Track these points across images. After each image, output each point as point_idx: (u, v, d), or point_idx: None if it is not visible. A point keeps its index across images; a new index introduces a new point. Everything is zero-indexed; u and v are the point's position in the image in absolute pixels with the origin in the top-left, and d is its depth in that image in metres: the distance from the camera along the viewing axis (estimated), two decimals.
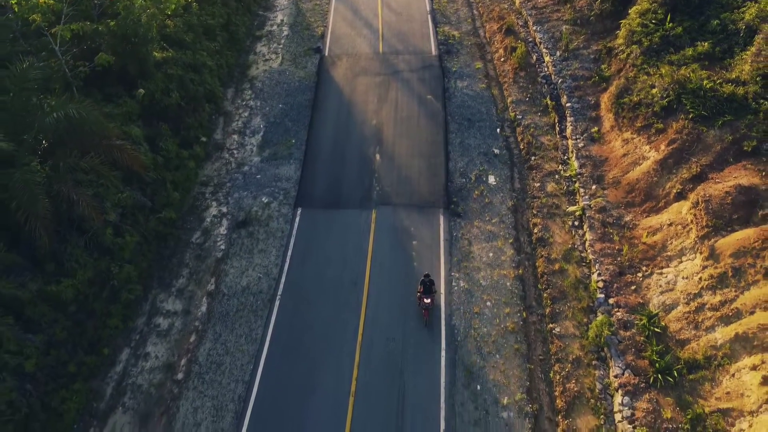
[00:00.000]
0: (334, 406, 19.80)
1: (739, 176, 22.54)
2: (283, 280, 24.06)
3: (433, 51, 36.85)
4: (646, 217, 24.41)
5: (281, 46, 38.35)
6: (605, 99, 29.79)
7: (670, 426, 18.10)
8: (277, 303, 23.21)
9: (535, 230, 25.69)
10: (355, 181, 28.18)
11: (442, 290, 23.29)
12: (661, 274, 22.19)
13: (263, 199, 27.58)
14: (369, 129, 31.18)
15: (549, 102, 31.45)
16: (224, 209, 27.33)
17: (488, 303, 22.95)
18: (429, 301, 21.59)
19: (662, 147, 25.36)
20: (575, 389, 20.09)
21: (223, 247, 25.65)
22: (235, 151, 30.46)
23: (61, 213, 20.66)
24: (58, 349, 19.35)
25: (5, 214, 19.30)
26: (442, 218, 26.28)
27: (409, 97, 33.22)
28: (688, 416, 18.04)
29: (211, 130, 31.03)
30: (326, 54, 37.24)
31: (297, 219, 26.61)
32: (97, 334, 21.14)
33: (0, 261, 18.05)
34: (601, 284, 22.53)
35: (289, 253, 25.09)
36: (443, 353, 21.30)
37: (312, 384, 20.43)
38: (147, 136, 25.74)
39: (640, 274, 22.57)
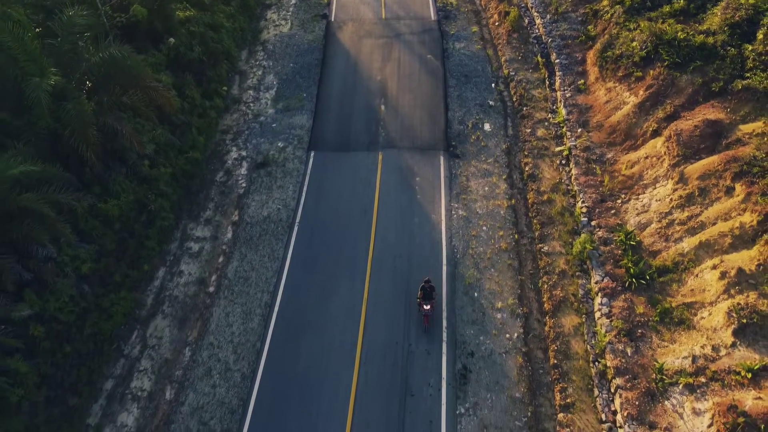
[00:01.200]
0: (349, 308, 22.44)
1: (707, 113, 25.17)
2: (300, 210, 26.63)
3: (433, 16, 39.29)
4: (625, 153, 27.02)
5: (290, 13, 40.73)
6: (591, 55, 32.32)
7: (642, 319, 20.79)
8: (295, 228, 25.79)
9: (526, 168, 28.30)
10: (362, 128, 30.70)
11: (443, 218, 25.89)
12: (637, 199, 24.84)
13: (279, 144, 30.10)
14: (374, 84, 33.68)
15: (540, 59, 33.97)
16: (244, 153, 29.83)
17: (484, 228, 25.58)
18: (429, 307, 21.02)
19: (641, 92, 27.94)
20: (561, 295, 22.78)
21: (244, 184, 28.17)
22: (251, 104, 32.92)
23: (105, 144, 23.12)
24: (107, 259, 21.89)
25: (59, 143, 21.73)
26: (442, 159, 28.85)
27: (410, 56, 35.69)
28: (658, 310, 20.70)
29: (228, 85, 33.46)
30: (332, 19, 39.65)
31: (311, 160, 29.15)
32: (137, 253, 23.65)
33: (57, 178, 20.51)
34: (584, 210, 25.16)
35: (305, 188, 27.64)
36: (444, 267, 23.94)
37: (329, 292, 23.06)
38: (174, 84, 28.16)
39: (619, 201, 25.21)
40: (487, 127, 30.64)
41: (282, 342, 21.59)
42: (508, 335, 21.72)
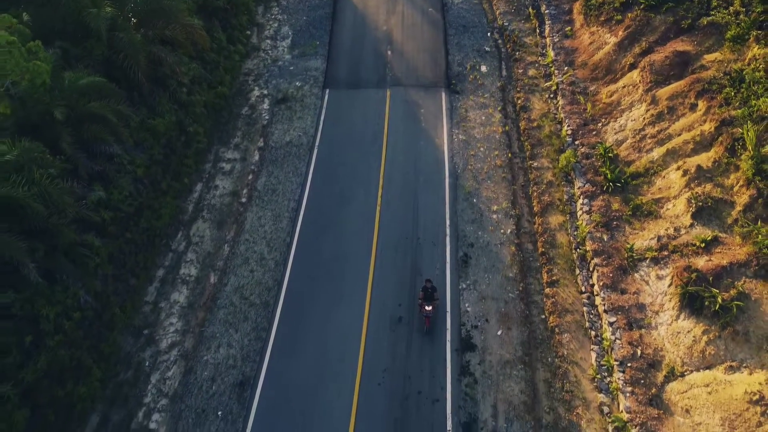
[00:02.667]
0: (365, 212, 25.75)
1: (677, 46, 28.43)
2: (318, 136, 29.85)
3: None
4: (606, 86, 30.28)
5: None
6: (577, 5, 35.42)
7: (617, 214, 24.19)
8: (315, 150, 29.04)
9: (519, 101, 31.58)
10: (371, 70, 33.87)
11: (445, 141, 29.18)
12: (615, 121, 28.16)
13: (297, 84, 33.26)
14: (380, 33, 36.79)
15: (531, 11, 37.11)
16: (265, 91, 32.98)
17: (481, 148, 28.89)
18: (430, 308, 20.81)
19: (620, 33, 31.16)
20: (548, 200, 26.16)
21: (267, 116, 31.36)
22: (269, 51, 36.01)
23: (150, 71, 26.23)
24: (155, 167, 25.06)
25: (112, 68, 24.82)
26: (443, 94, 32.09)
27: (413, 10, 38.76)
28: (630, 206, 24.09)
29: (248, 35, 36.52)
30: None
31: (326, 96, 32.33)
32: (178, 168, 26.83)
33: (114, 93, 23.59)
34: (569, 132, 28.47)
35: (322, 118, 30.85)
36: (447, 180, 27.26)
37: (347, 199, 26.36)
38: (203, 27, 31.18)
39: (599, 124, 28.53)
40: (483, 68, 33.83)
41: (308, 238, 24.91)
42: (502, 231, 25.10)
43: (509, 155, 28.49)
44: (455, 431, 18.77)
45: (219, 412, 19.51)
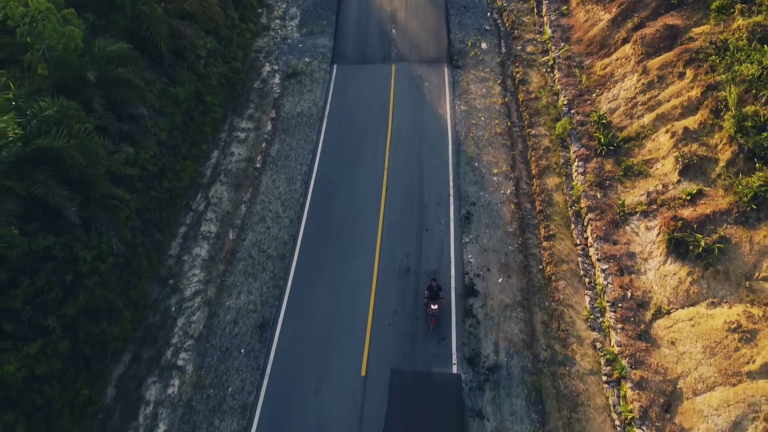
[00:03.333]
0: (373, 175, 27.27)
1: (667, 20, 29.96)
2: (328, 107, 31.37)
3: None
4: (600, 59, 31.81)
5: None
6: None
7: (610, 174, 25.75)
8: (325, 120, 30.57)
9: (518, 75, 33.11)
10: (377, 46, 35.38)
11: (448, 111, 30.72)
12: (609, 91, 29.70)
13: (306, 60, 34.77)
14: (385, 14, 38.27)
15: None
16: (276, 67, 34.48)
17: (482, 118, 30.44)
18: (436, 307, 20.77)
19: (613, 10, 32.68)
20: (545, 164, 27.73)
21: (278, 90, 32.87)
22: (279, 30, 37.50)
23: (170, 43, 27.72)
24: (176, 132, 26.57)
25: (135, 39, 26.29)
26: (446, 69, 33.61)
27: None
28: (622, 167, 25.64)
29: (258, 14, 37.99)
30: None
31: (334, 71, 33.85)
32: (196, 136, 28.34)
33: (138, 61, 25.10)
34: (565, 102, 30.00)
35: (331, 91, 32.37)
36: (450, 146, 28.81)
37: (356, 164, 27.89)
38: (218, 3, 32.69)
39: (594, 94, 30.07)
40: (483, 45, 35.35)
41: (320, 198, 26.47)
42: (502, 191, 26.68)
43: (509, 124, 30.03)
44: (460, 365, 20.31)
45: (242, 350, 21.08)
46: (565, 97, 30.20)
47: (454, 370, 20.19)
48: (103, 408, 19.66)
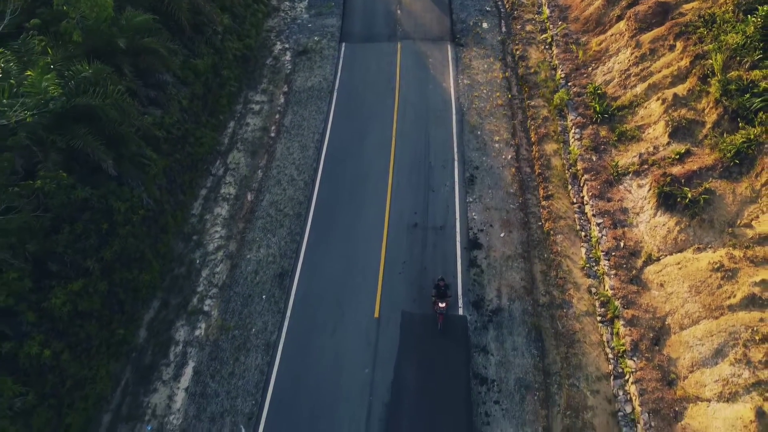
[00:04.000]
0: (381, 142, 28.82)
1: None
2: (337, 81, 32.93)
3: None
4: (596, 36, 33.37)
5: None
6: None
7: (604, 140, 27.35)
8: (335, 93, 32.12)
9: (517, 52, 34.69)
10: (383, 26, 36.93)
11: (451, 85, 32.27)
12: (604, 65, 31.29)
13: (315, 38, 36.30)
14: None
15: None
16: (287, 45, 36.02)
17: (484, 91, 32.03)
18: (443, 305, 20.61)
19: None
20: (544, 131, 29.32)
21: (290, 66, 34.41)
22: (288, 12, 39.02)
23: (189, 18, 29.25)
24: (197, 101, 28.10)
25: (158, 14, 27.80)
26: (449, 46, 35.17)
27: None
28: (616, 133, 27.22)
29: None
30: None
31: (342, 49, 35.40)
32: (213, 107, 29.84)
33: (161, 32, 26.64)
34: (563, 76, 31.59)
35: (340, 67, 33.92)
36: (454, 116, 30.38)
37: (365, 132, 29.44)
38: None
39: (590, 68, 31.66)
40: (485, 25, 36.92)
41: (332, 163, 28.04)
42: (503, 156, 28.28)
43: (509, 96, 31.62)
44: (465, 308, 21.93)
45: (263, 296, 22.67)
46: (562, 71, 31.78)
47: (460, 312, 21.79)
48: (135, 347, 21.23)
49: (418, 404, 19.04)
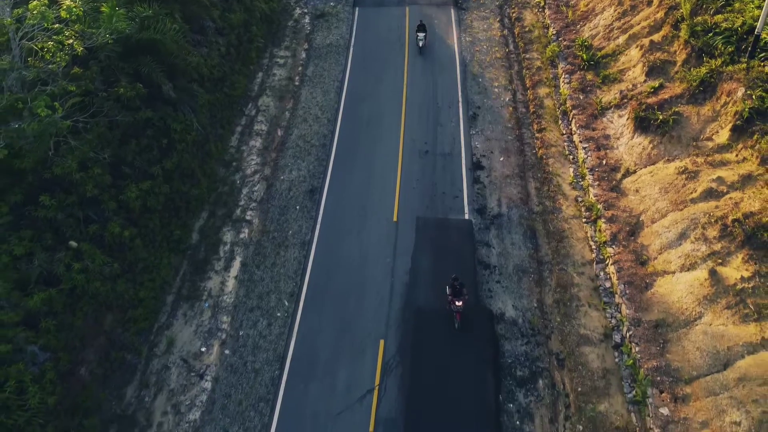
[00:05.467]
0: (394, 87, 32.40)
1: None
2: (353, 39, 36.53)
3: None
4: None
5: None
6: None
7: (590, 83, 30.99)
8: (351, 49, 35.74)
9: (514, 14, 38.34)
10: None
11: (455, 41, 35.91)
12: (590, 22, 34.96)
13: (331, 3, 39.89)
14: None
15: None
16: (305, 10, 39.59)
17: (484, 46, 35.68)
18: (460, 303, 20.36)
19: None
20: (537, 78, 32.99)
21: (309, 28, 38.00)
22: None
23: None
24: (233, 48, 31.68)
25: None
26: (452, 10, 38.79)
27: None
28: (601, 76, 30.88)
29: None
30: None
31: (356, 12, 39.02)
32: (245, 58, 33.40)
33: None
34: (554, 32, 35.25)
35: (355, 27, 37.52)
36: (458, 67, 34.00)
37: (380, 79, 33.02)
38: None
39: (578, 26, 35.33)
40: None
41: (352, 104, 31.62)
42: (502, 99, 31.94)
43: (507, 51, 35.30)
44: (471, 214, 25.56)
45: (297, 207, 26.26)
46: (553, 28, 35.47)
47: (466, 216, 25.43)
48: (190, 246, 24.78)
49: (432, 283, 22.65)
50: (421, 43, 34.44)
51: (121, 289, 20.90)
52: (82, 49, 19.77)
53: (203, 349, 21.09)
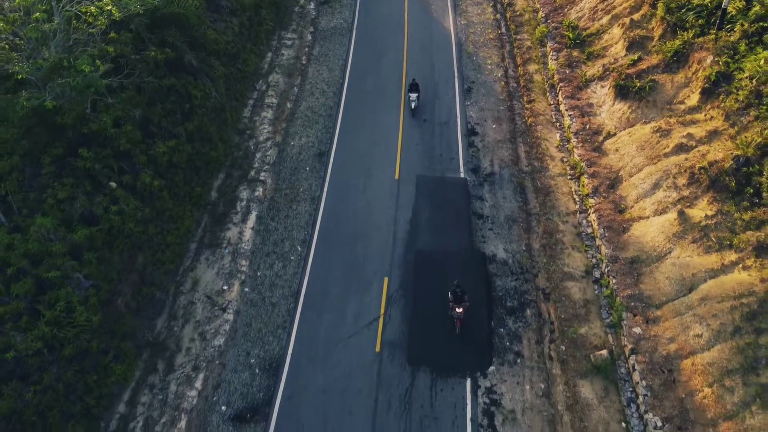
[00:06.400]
0: (395, 65, 34.76)
1: None
2: (356, 23, 38.91)
3: None
4: None
5: None
6: None
7: (576, 59, 33.41)
8: (354, 31, 38.11)
9: (506, 0, 40.82)
10: None
11: (451, 24, 38.31)
12: (577, 6, 37.39)
13: None
14: None
15: None
16: None
17: (478, 29, 38.10)
18: (461, 310, 20.50)
19: None
20: (527, 56, 35.40)
21: (314, 12, 40.35)
22: None
23: None
24: (243, 30, 34.04)
25: None
26: None
27: None
28: (585, 53, 33.28)
29: None
30: None
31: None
32: (255, 38, 35.70)
33: None
34: (543, 15, 37.66)
35: (357, 12, 39.92)
36: (454, 46, 36.40)
37: (381, 57, 35.37)
38: None
39: (565, 9, 37.75)
40: None
41: (355, 79, 33.94)
42: (494, 75, 34.33)
43: (499, 32, 37.73)
44: (466, 173, 27.87)
45: (306, 168, 28.55)
46: (542, 12, 37.90)
47: (462, 175, 27.76)
48: (209, 202, 27.03)
49: (432, 231, 24.94)
50: (413, 105, 30.90)
51: (152, 233, 23.12)
52: (119, 14, 22.02)
53: (225, 288, 23.31)
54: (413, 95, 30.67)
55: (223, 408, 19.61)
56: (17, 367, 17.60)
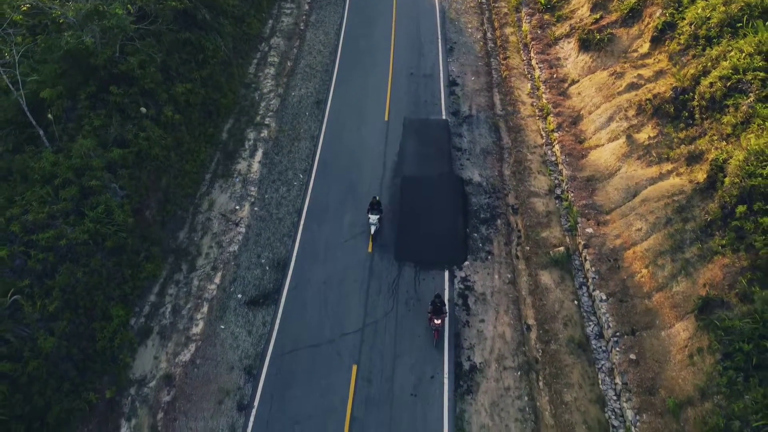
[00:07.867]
0: (385, 29, 38.14)
1: None
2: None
3: None
4: None
5: None
6: None
7: (547, 21, 36.97)
8: (348, 1, 41.58)
9: None
10: None
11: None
12: None
13: None
14: None
15: None
16: None
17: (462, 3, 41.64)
18: (439, 322, 20.43)
19: None
20: (504, 21, 38.94)
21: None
22: None
23: None
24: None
25: None
26: None
27: None
28: (555, 16, 36.86)
29: None
30: None
31: None
32: (258, 6, 39.14)
33: None
34: None
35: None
36: (438, 14, 39.88)
37: (373, 22, 38.73)
38: None
39: None
40: None
41: (349, 41, 37.27)
42: (474, 37, 37.83)
43: (479, 1, 41.26)
44: (447, 116, 31.32)
45: (306, 113, 31.95)
46: None
47: (443, 117, 31.24)
48: (221, 141, 30.39)
49: (417, 161, 28.37)
50: (373, 229, 24.34)
51: (173, 160, 26.46)
52: None
53: (237, 207, 26.69)
54: (374, 217, 24.07)
55: (239, 296, 22.98)
56: (69, 252, 20.89)
